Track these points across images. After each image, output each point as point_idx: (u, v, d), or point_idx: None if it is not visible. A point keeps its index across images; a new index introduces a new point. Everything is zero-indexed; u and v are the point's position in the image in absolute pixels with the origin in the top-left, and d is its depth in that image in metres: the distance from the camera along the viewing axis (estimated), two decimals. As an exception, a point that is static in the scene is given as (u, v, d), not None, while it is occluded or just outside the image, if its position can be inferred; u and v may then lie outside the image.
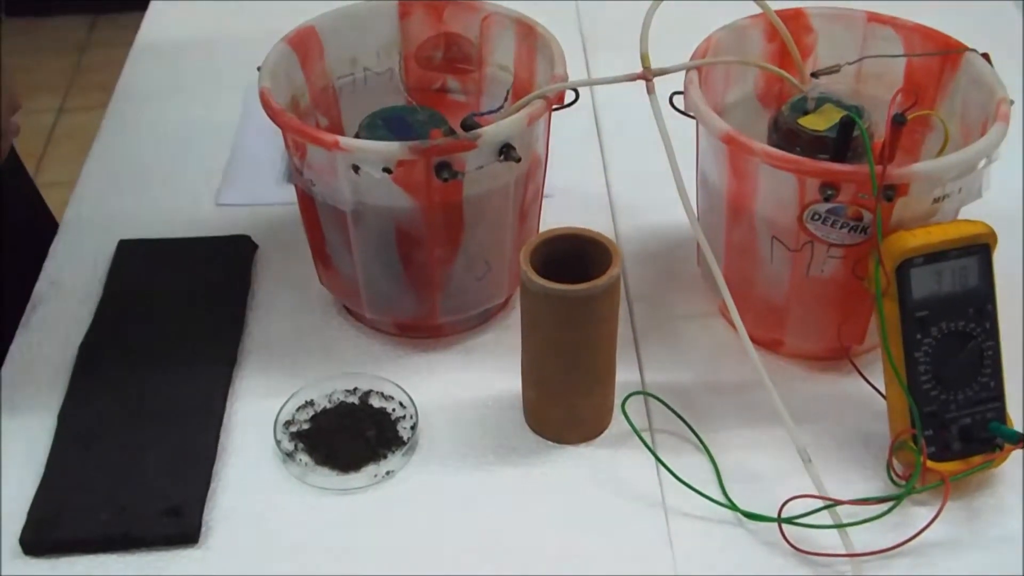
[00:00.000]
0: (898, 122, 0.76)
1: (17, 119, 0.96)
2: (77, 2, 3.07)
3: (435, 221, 0.83)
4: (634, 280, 0.97)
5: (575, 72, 0.88)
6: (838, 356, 0.89)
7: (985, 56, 0.86)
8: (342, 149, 0.78)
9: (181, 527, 0.77)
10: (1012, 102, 0.82)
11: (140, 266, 0.97)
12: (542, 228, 0.93)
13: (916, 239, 0.77)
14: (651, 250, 1.01)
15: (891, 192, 0.76)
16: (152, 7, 1.38)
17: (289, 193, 0.93)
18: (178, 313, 0.93)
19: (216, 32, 1.32)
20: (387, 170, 0.79)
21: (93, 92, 2.81)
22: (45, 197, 1.21)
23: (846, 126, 0.81)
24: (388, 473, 0.81)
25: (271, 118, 0.82)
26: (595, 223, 0.98)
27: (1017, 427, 0.80)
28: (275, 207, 1.04)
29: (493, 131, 0.79)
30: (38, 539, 0.77)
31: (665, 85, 0.82)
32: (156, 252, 0.99)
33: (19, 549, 0.76)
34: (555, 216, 0.94)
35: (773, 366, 0.88)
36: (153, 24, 1.35)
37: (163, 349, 0.89)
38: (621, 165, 1.10)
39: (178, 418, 0.84)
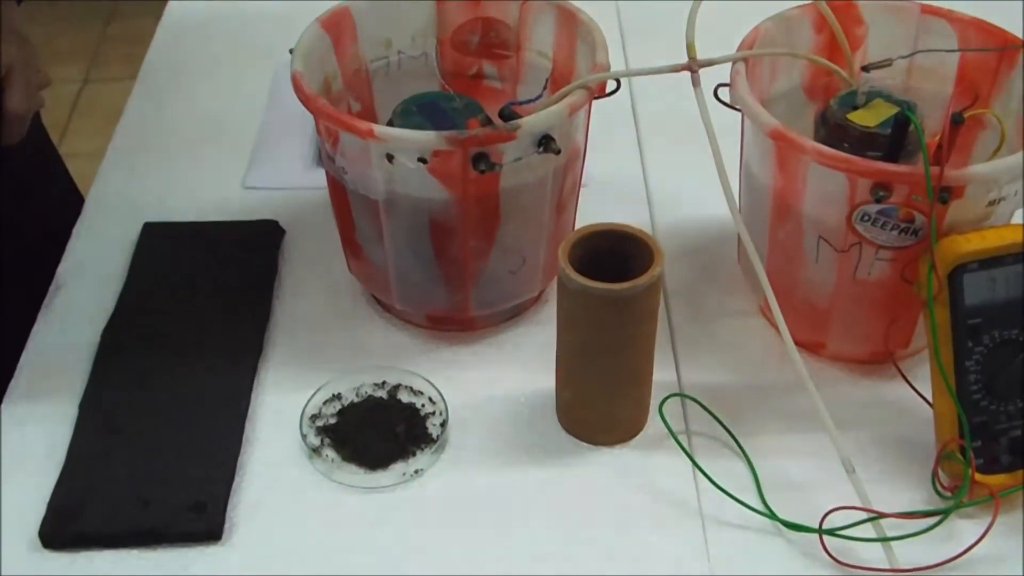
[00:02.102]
0: (956, 122, 0.73)
1: (43, 93, 0.94)
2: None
3: (470, 213, 0.80)
4: (671, 275, 0.95)
5: (613, 60, 0.85)
6: (881, 360, 0.86)
7: (1044, 52, 0.83)
8: (376, 138, 0.76)
9: (205, 523, 0.75)
10: (1072, 101, 0.79)
11: (165, 250, 0.95)
12: (578, 218, 0.91)
13: (970, 244, 0.74)
14: (689, 244, 0.98)
15: (946, 195, 0.73)
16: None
17: (318, 177, 0.91)
18: (203, 299, 0.90)
19: (246, 6, 1.30)
20: (422, 160, 0.76)
21: (118, 63, 2.79)
22: (70, 167, 1.19)
23: (901, 124, 0.78)
24: (417, 472, 0.79)
25: (303, 103, 0.79)
26: (632, 214, 0.97)
27: (1068, 439, 0.77)
28: (304, 191, 1.02)
29: (533, 122, 0.76)
30: (57, 532, 0.75)
31: (708, 75, 0.79)
32: (182, 235, 0.97)
33: (38, 542, 0.74)
34: (591, 207, 0.92)
35: (814, 368, 0.85)
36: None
37: (188, 336, 0.87)
38: (658, 155, 1.07)
39: (202, 409, 0.82)
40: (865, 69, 0.88)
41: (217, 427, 0.81)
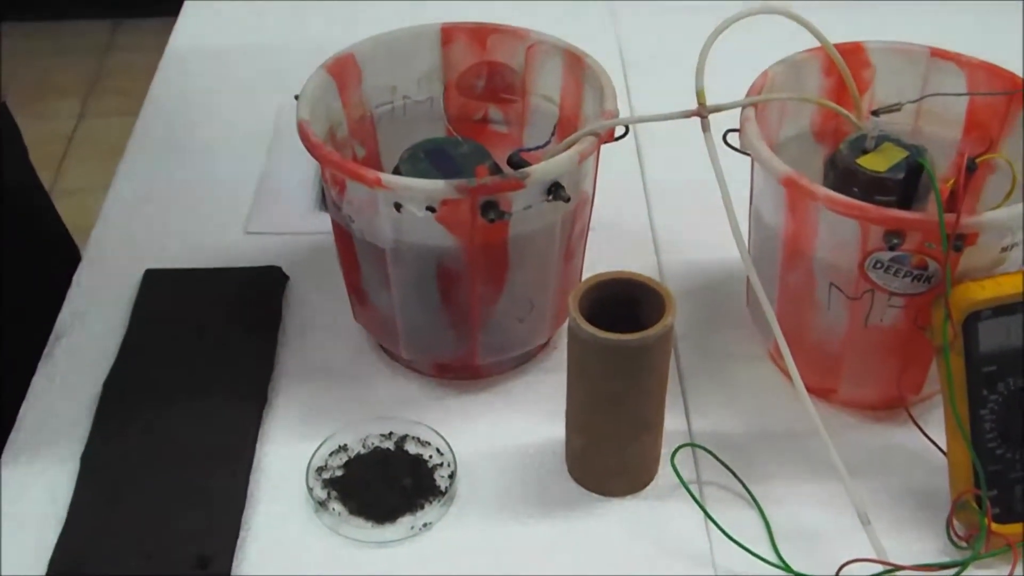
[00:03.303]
0: (970, 169, 0.72)
1: None
2: (99, 6, 3.04)
3: (478, 261, 0.79)
4: (679, 319, 0.92)
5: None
6: (893, 405, 0.85)
7: (1053, 95, 0.83)
8: (384, 186, 0.75)
9: (209, 579, 0.74)
10: (1083, 145, 0.78)
11: (167, 297, 0.94)
12: (586, 263, 0.90)
13: (985, 291, 0.74)
14: (696, 288, 0.97)
15: (960, 242, 0.73)
16: (181, 18, 1.35)
17: (322, 222, 0.90)
18: (206, 348, 0.89)
19: (245, 45, 1.29)
20: (431, 208, 0.75)
21: (114, 97, 2.79)
22: (66, 204, 1.18)
23: (914, 170, 0.77)
24: (425, 525, 0.77)
25: (310, 152, 0.78)
26: (638, 258, 0.97)
27: (1085, 487, 0.76)
28: (307, 236, 1.01)
29: (542, 170, 0.75)
30: (60, 588, 0.73)
31: (716, 119, 0.79)
32: (183, 282, 0.95)
33: (40, 599, 0.73)
34: (598, 251, 0.91)
35: (825, 414, 0.83)
36: (181, 36, 1.32)
37: (191, 386, 0.86)
38: (665, 199, 1.06)
39: (206, 461, 0.81)
40: (875, 113, 0.87)
41: (221, 480, 0.80)
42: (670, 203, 1.06)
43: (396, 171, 0.83)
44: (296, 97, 0.83)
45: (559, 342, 0.90)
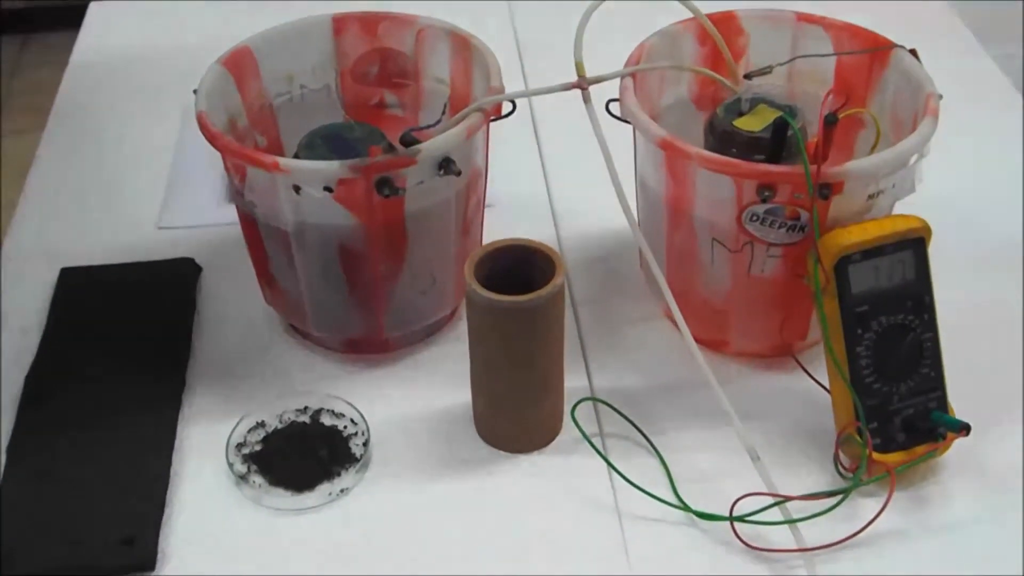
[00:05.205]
0: (829, 122, 0.77)
1: None
2: (5, 23, 3.03)
3: (378, 237, 0.83)
4: (578, 286, 0.98)
5: (512, 80, 0.88)
6: (782, 353, 0.90)
7: (913, 52, 0.88)
8: (282, 170, 0.78)
9: (136, 556, 0.77)
10: (941, 96, 0.83)
11: (84, 294, 0.97)
12: (486, 238, 0.94)
13: (852, 236, 0.79)
14: (595, 255, 1.01)
15: (826, 191, 0.78)
16: (85, 26, 1.37)
17: (231, 213, 0.93)
18: (124, 339, 0.92)
19: (152, 48, 1.32)
20: (328, 189, 0.79)
21: (25, 114, 2.77)
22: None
23: (779, 128, 0.82)
24: (342, 491, 0.81)
25: (210, 142, 0.82)
26: (538, 231, 1.00)
27: (958, 416, 0.81)
28: (218, 228, 1.04)
29: (432, 146, 0.79)
30: (-10, 576, 0.76)
31: (601, 91, 0.83)
32: (99, 279, 0.98)
33: (-28, 587, 0.76)
34: (498, 225, 0.95)
35: (719, 366, 0.89)
36: (86, 42, 1.34)
37: (111, 377, 0.89)
38: (562, 172, 1.11)
39: (129, 446, 0.84)
40: (748, 77, 0.92)
41: (144, 462, 0.83)
42: (567, 176, 1.10)
43: (295, 157, 0.86)
44: (195, 91, 0.86)
45: (464, 314, 0.94)
